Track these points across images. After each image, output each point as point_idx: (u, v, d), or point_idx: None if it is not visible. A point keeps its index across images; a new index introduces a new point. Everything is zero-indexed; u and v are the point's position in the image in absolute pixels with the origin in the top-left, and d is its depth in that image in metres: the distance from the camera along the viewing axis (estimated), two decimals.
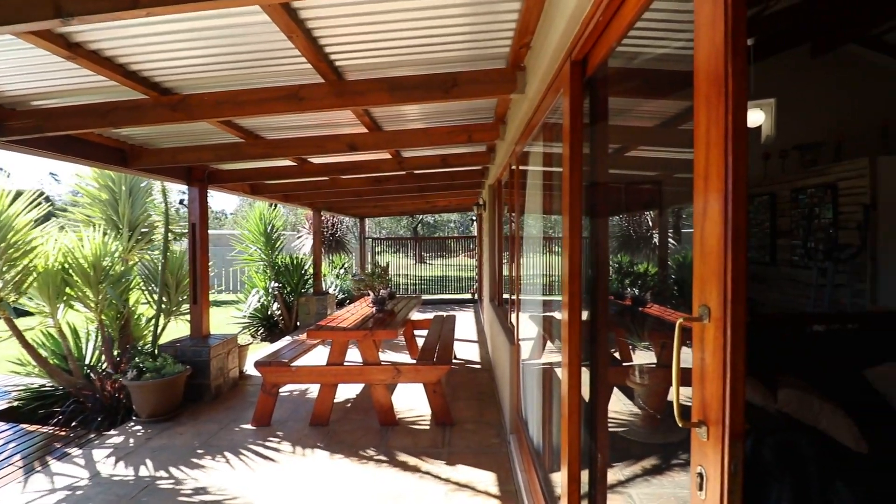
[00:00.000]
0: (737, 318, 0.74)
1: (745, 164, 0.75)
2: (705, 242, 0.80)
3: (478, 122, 3.51)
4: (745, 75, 0.76)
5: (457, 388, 4.46)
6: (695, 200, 0.86)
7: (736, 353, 0.74)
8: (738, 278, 0.74)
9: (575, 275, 1.57)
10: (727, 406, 0.75)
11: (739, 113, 0.76)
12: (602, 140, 1.66)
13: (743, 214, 0.74)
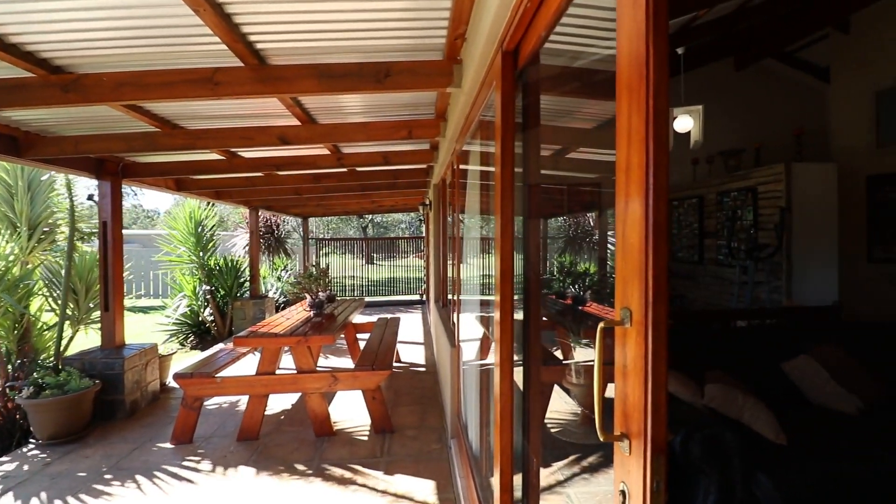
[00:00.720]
0: (658, 321, 0.68)
1: (665, 162, 0.69)
2: (627, 241, 0.74)
3: (418, 117, 3.40)
4: (666, 70, 0.70)
5: (400, 393, 4.32)
6: (616, 199, 0.79)
7: (657, 360, 0.68)
8: (660, 279, 0.67)
9: (507, 276, 1.50)
10: (648, 418, 0.69)
11: (660, 103, 0.69)
12: (535, 137, 1.61)
13: (664, 213, 0.68)
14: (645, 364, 0.69)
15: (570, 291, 4.08)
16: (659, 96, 0.68)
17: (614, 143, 0.81)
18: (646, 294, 0.68)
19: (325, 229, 27.38)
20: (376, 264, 16.68)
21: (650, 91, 0.68)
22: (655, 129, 0.68)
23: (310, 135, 3.30)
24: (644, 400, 0.69)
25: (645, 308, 0.69)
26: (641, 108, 0.70)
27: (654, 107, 0.68)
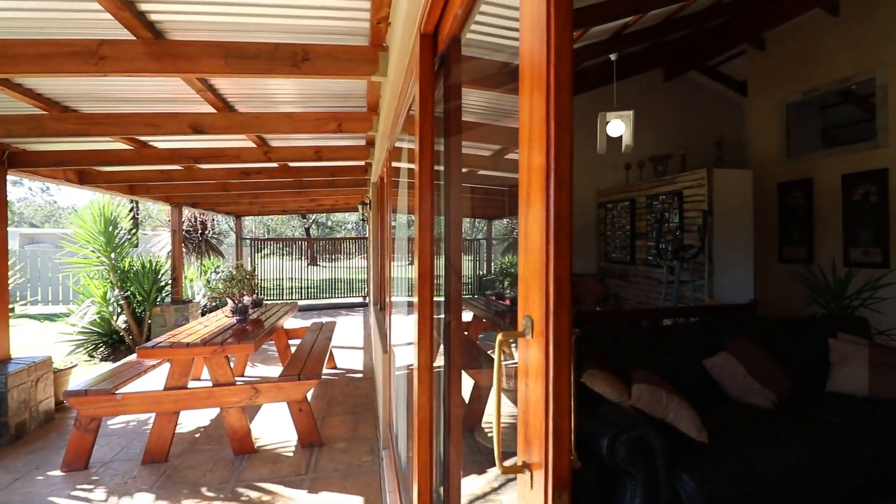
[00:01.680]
0: (560, 331, 0.58)
1: (567, 161, 0.59)
2: (529, 242, 0.63)
3: (349, 110, 3.22)
4: (569, 64, 0.60)
5: (333, 402, 4.09)
6: (519, 200, 0.69)
7: (560, 379, 0.58)
8: (562, 282, 0.58)
9: (426, 278, 1.38)
10: (549, 447, 0.58)
11: (562, 98, 0.59)
12: (458, 130, 1.50)
13: (566, 213, 0.58)
14: (546, 383, 0.58)
15: (508, 293, 4.02)
16: (561, 91, 0.58)
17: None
18: (547, 301, 0.58)
19: (265, 229, 26.14)
20: (320, 266, 16.08)
21: (551, 85, 0.58)
22: (557, 127, 0.58)
23: (227, 124, 3.01)
24: (545, 425, 0.59)
25: (546, 317, 0.58)
26: (542, 103, 0.60)
27: (556, 102, 0.58)
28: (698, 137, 6.81)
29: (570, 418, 0.59)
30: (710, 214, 4.80)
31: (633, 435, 1.90)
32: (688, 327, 3.00)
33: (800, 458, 2.05)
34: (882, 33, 4.50)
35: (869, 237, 4.68)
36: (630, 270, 6.04)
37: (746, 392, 2.65)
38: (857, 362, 2.74)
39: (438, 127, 1.48)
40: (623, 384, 2.30)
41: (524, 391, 0.65)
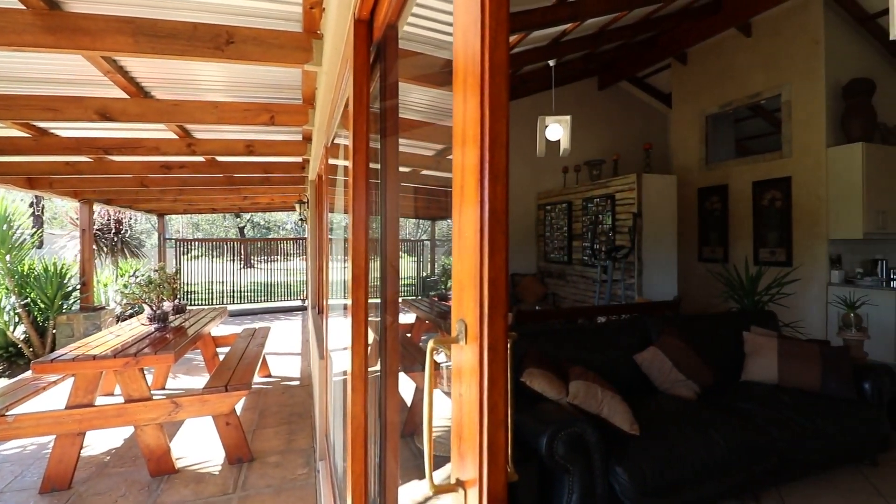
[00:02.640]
0: (496, 336, 0.53)
1: (502, 158, 0.54)
2: (463, 236, 0.58)
3: (282, 101, 3.03)
4: (505, 57, 0.55)
5: (266, 413, 3.85)
6: (453, 193, 0.64)
7: (496, 387, 0.53)
8: (498, 282, 0.53)
9: (360, 281, 1.30)
10: (484, 463, 0.54)
11: (496, 93, 0.55)
12: (395, 125, 1.43)
13: (503, 205, 0.54)
14: (480, 393, 0.53)
15: (450, 294, 3.97)
16: (496, 75, 0.54)
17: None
18: (481, 303, 0.53)
19: (193, 230, 24.47)
20: (256, 268, 15.24)
21: (486, 69, 0.53)
22: (493, 115, 0.53)
23: (142, 111, 2.72)
24: (479, 439, 0.54)
25: (480, 321, 0.54)
26: (476, 89, 0.55)
27: (490, 88, 0.53)
28: (629, 144, 7.22)
29: (506, 431, 0.54)
30: (640, 217, 5.08)
31: (570, 432, 1.93)
32: (620, 324, 3.13)
33: (721, 445, 2.19)
34: (787, 54, 4.99)
35: (775, 238, 5.17)
36: (567, 270, 6.25)
37: (673, 384, 2.80)
38: (768, 353, 2.99)
39: (375, 122, 1.41)
40: (561, 382, 2.34)
41: (458, 402, 0.59)
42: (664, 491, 2.01)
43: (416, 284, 12.67)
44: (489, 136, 0.53)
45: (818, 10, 4.67)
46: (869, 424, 2.52)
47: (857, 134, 4.52)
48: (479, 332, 0.54)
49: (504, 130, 0.53)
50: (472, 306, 0.55)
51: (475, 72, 0.54)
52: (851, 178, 4.48)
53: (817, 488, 2.48)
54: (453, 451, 0.62)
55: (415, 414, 2.93)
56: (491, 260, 0.53)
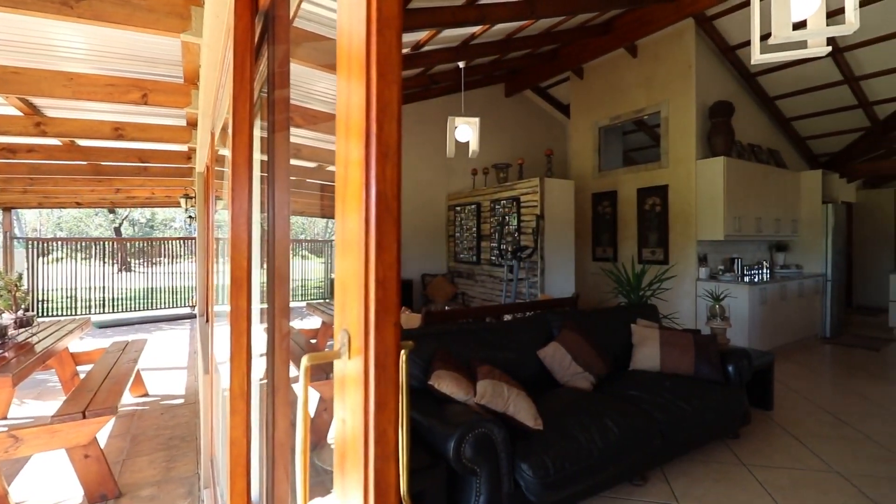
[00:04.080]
0: (385, 349, 0.44)
1: (396, 119, 0.45)
2: (346, 228, 0.48)
3: (158, 78, 2.64)
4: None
5: (139, 438, 3.34)
6: (336, 177, 0.53)
7: (384, 411, 0.43)
8: (388, 284, 0.44)
9: (241, 285, 1.12)
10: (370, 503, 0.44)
11: (386, 81, 0.45)
12: (285, 109, 1.27)
13: (394, 189, 0.44)
14: (366, 418, 0.44)
15: None
16: (385, 29, 0.44)
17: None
18: (366, 310, 0.43)
19: (55, 228, 21.00)
20: (136, 272, 13.41)
21: (373, 19, 0.44)
22: (381, 74, 0.44)
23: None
24: (364, 474, 0.44)
25: (366, 331, 0.44)
26: (362, 36, 0.45)
27: (378, 41, 0.44)
28: (533, 149, 7.60)
29: (398, 463, 0.45)
30: (542, 218, 5.34)
31: (478, 433, 1.90)
32: (524, 321, 3.23)
33: (615, 431, 2.33)
34: (666, 75, 5.59)
35: (655, 239, 5.77)
36: (476, 270, 6.38)
37: (572, 377, 2.94)
38: (651, 343, 3.28)
39: (264, 107, 1.23)
40: (470, 382, 2.32)
41: (341, 429, 0.49)
42: (566, 482, 2.07)
43: (324, 287, 12.11)
44: (378, 104, 0.43)
45: (691, 39, 5.30)
46: (733, 402, 2.88)
47: (719, 149, 5.21)
48: (365, 344, 0.44)
49: (397, 98, 0.44)
50: (356, 313, 0.45)
51: (360, 18, 0.44)
52: (715, 187, 5.15)
53: (693, 463, 2.77)
54: (336, 486, 0.51)
55: (316, 426, 2.73)
56: (379, 257, 0.43)
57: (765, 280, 5.31)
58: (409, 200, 6.71)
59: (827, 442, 3.03)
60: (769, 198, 5.76)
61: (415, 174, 6.72)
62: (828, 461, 2.77)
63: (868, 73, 5.34)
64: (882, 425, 3.29)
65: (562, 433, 2.20)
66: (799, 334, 5.73)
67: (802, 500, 2.37)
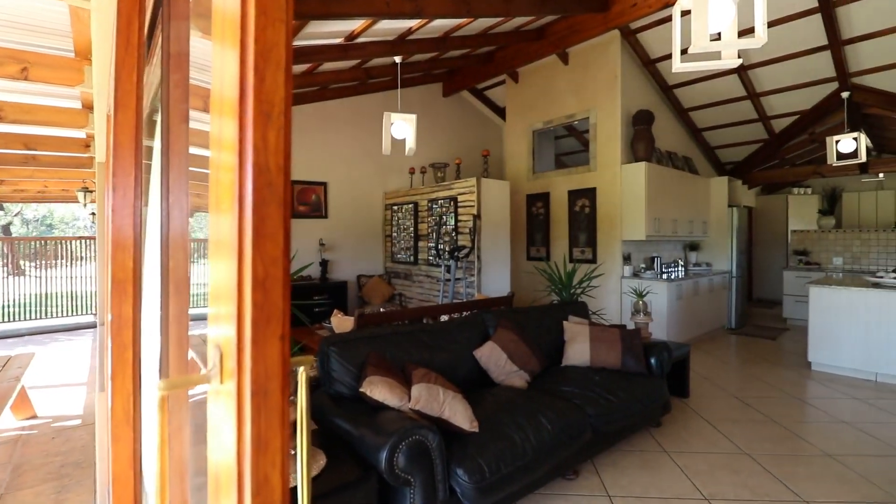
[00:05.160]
0: (267, 370, 0.34)
1: (283, 66, 0.35)
2: (220, 210, 0.37)
3: (40, 50, 2.28)
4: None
5: (23, 468, 2.88)
6: (210, 144, 0.42)
7: (265, 454, 0.33)
8: (270, 283, 0.34)
9: (125, 287, 0.94)
10: None
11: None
12: (183, 83, 1.10)
13: (280, 160, 0.34)
14: (240, 463, 0.33)
15: None
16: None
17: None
18: (240, 318, 0.33)
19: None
20: (29, 276, 11.76)
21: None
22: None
23: None
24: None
25: (239, 346, 0.33)
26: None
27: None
28: (470, 149, 7.64)
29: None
30: (479, 218, 5.37)
31: (412, 441, 1.82)
32: (461, 322, 3.19)
33: (548, 429, 2.34)
34: (594, 84, 5.85)
35: (584, 239, 6.01)
36: (414, 270, 6.29)
37: (508, 375, 2.94)
38: (582, 339, 3.37)
39: (157, 84, 1.05)
40: (404, 386, 2.22)
41: (213, 473, 0.38)
42: (502, 484, 2.04)
43: None
44: (257, 48, 0.33)
45: (616, 50, 5.58)
46: (656, 393, 3.03)
47: (641, 155, 5.53)
48: (238, 363, 0.33)
49: (284, 41, 0.34)
50: (229, 323, 0.34)
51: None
52: (637, 190, 5.46)
53: (620, 453, 2.87)
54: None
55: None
56: (259, 249, 0.33)
57: (680, 277, 5.73)
58: (343, 198, 6.47)
59: (736, 425, 3.29)
60: (684, 201, 6.22)
61: (350, 171, 6.49)
62: (737, 443, 3.00)
63: (767, 89, 5.94)
64: (781, 407, 3.64)
65: (497, 434, 2.18)
66: (709, 326, 6.25)
67: (717, 482, 2.53)
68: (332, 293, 5.80)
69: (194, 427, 0.93)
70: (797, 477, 2.57)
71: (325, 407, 2.21)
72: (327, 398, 2.28)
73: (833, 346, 4.50)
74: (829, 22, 4.64)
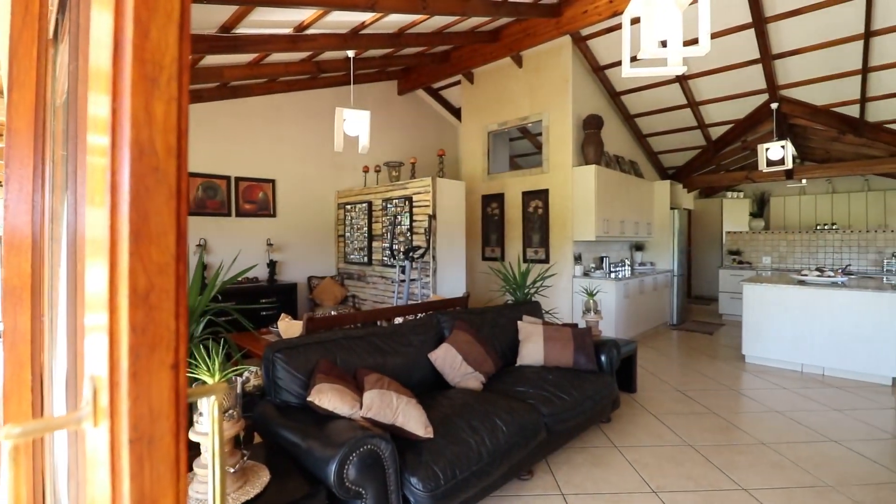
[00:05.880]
0: (153, 406, 0.26)
1: (176, 20, 0.27)
2: (93, 220, 0.29)
3: None
4: None
5: None
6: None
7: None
8: (156, 295, 0.26)
9: (20, 296, 0.81)
10: None
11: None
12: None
13: (169, 138, 0.27)
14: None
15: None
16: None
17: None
18: (112, 344, 0.25)
19: None
20: None
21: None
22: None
23: None
24: None
25: (112, 379, 0.26)
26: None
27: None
28: (425, 149, 7.58)
29: None
30: (434, 218, 5.32)
31: (363, 452, 1.73)
32: (416, 324, 3.13)
33: (504, 431, 2.33)
34: (546, 87, 5.96)
35: (538, 240, 6.12)
36: (368, 271, 6.15)
37: (463, 377, 2.91)
38: (536, 338, 3.41)
39: (65, 55, 0.92)
40: (356, 393, 2.13)
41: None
42: (457, 490, 2.00)
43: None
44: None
45: (568, 55, 5.72)
46: (606, 389, 3.10)
47: (591, 158, 5.70)
48: (112, 401, 0.26)
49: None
50: (101, 350, 0.27)
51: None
52: (588, 192, 5.62)
53: (573, 451, 2.92)
54: None
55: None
56: (139, 252, 0.26)
57: (627, 276, 5.96)
58: (293, 196, 6.21)
59: (680, 417, 3.44)
60: (630, 203, 6.49)
61: (300, 168, 6.25)
62: (681, 435, 3.14)
63: (705, 99, 6.31)
64: (719, 399, 3.85)
65: (453, 439, 2.13)
66: (653, 323, 6.55)
67: (664, 474, 2.62)
68: (280, 296, 5.56)
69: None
70: (736, 466, 2.71)
71: (270, 418, 2.07)
72: (272, 408, 2.14)
73: (764, 340, 4.84)
74: (761, 37, 4.99)
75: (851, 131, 6.02)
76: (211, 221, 5.43)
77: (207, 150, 5.40)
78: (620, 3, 4.36)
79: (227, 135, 5.56)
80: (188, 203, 0.27)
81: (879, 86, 5.31)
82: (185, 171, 0.27)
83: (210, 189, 5.43)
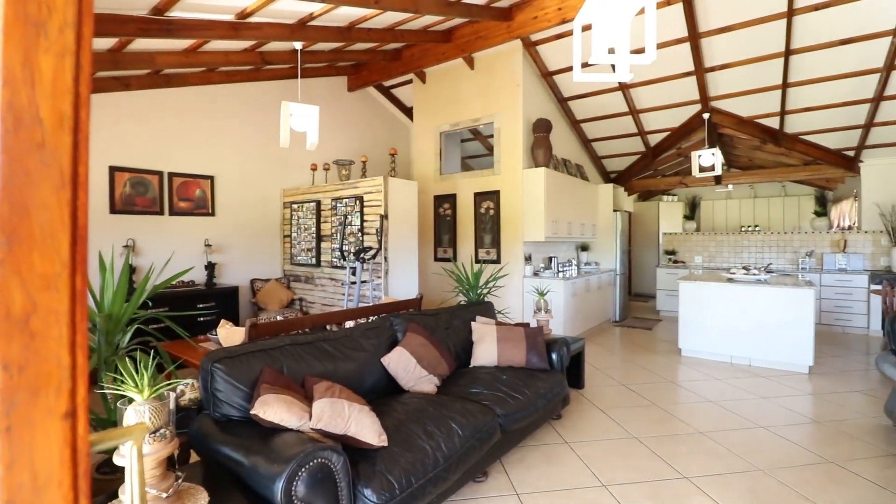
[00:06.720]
0: (32, 474, 0.20)
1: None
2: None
3: None
4: None
5: None
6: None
7: None
8: (38, 319, 0.19)
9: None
10: None
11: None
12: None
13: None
14: None
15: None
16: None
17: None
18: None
19: None
20: None
21: None
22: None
23: None
24: None
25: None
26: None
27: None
28: (377, 148, 7.45)
29: None
30: (386, 218, 5.22)
31: (313, 466, 1.63)
32: (368, 327, 3.03)
33: (459, 434, 2.30)
34: (498, 90, 6.03)
35: (489, 240, 6.18)
36: (316, 273, 5.93)
37: (417, 381, 2.86)
38: (490, 339, 3.42)
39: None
40: (305, 403, 2.02)
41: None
42: (413, 498, 1.94)
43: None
44: None
45: (518, 60, 5.82)
46: (557, 387, 3.16)
47: (541, 161, 5.83)
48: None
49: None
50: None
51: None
52: (537, 194, 5.75)
53: (526, 449, 2.95)
54: None
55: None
56: (14, 263, 0.18)
57: (575, 276, 6.16)
58: (235, 194, 5.87)
59: (625, 411, 3.58)
60: (577, 205, 6.72)
61: (242, 165, 5.91)
62: (627, 428, 3.26)
63: (645, 107, 6.66)
64: (660, 391, 4.06)
65: (408, 446, 2.07)
66: (598, 320, 6.83)
67: (612, 468, 2.71)
68: (220, 300, 5.22)
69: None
70: (677, 455, 2.85)
71: (209, 434, 1.91)
72: (211, 423, 1.98)
73: (697, 334, 5.16)
74: (695, 51, 5.33)
75: (772, 141, 6.59)
76: (141, 220, 5.01)
77: (137, 142, 4.98)
78: (569, 11, 4.49)
79: (159, 127, 5.15)
80: (87, 195, 0.20)
81: (797, 100, 5.85)
82: (84, 150, 0.20)
83: (140, 185, 5.00)
